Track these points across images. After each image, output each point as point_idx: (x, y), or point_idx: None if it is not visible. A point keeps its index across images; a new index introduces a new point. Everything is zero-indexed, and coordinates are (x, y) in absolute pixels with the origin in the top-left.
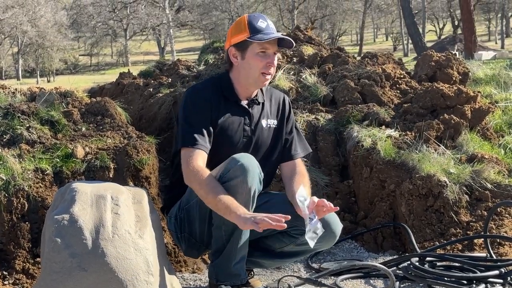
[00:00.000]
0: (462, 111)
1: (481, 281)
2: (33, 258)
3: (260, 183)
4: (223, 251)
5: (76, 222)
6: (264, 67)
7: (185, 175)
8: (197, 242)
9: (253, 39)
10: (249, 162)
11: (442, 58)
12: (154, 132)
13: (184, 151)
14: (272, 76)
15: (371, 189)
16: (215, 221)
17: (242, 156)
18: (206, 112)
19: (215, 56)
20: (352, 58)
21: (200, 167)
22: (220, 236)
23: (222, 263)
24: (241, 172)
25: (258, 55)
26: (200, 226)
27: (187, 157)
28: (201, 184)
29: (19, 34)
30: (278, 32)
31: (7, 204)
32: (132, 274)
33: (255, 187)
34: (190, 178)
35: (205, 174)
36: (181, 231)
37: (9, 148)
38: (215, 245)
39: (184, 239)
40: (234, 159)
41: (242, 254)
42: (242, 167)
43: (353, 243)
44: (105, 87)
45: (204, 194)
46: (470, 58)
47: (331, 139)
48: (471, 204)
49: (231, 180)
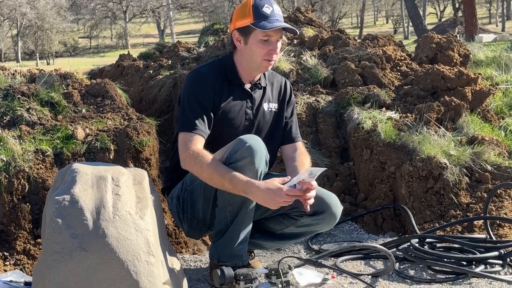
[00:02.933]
0: (462, 93)
1: (480, 262)
2: (34, 239)
3: (266, 165)
4: (226, 232)
5: (77, 203)
6: (266, 54)
7: (183, 159)
8: (199, 223)
9: (256, 27)
10: (256, 144)
11: (443, 40)
12: (154, 114)
13: (182, 135)
14: (276, 62)
15: (371, 171)
16: (220, 202)
17: (249, 137)
18: (208, 97)
19: (215, 38)
20: (353, 40)
21: (200, 150)
22: (224, 217)
23: (224, 243)
24: (249, 153)
25: (260, 42)
26: (203, 207)
27: (185, 141)
28: (203, 166)
29: (18, 16)
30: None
31: (8, 185)
32: (133, 254)
33: (261, 169)
34: (190, 162)
35: (206, 156)
36: (183, 211)
37: (9, 130)
38: (218, 226)
39: (187, 219)
40: (242, 140)
41: (244, 236)
42: (250, 148)
43: (353, 225)
44: (105, 69)
45: (208, 176)
46: (470, 40)
47: (332, 121)
48: (471, 186)
49: (238, 161)
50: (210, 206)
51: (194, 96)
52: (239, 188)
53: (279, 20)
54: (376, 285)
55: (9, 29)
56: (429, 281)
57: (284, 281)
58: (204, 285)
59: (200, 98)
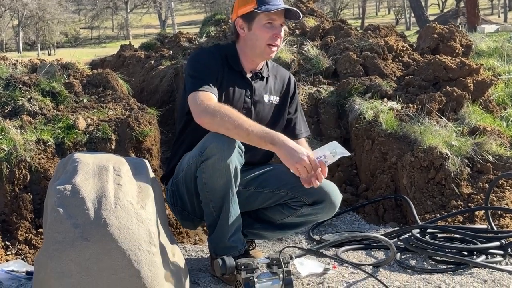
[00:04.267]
0: (464, 84)
1: (481, 253)
2: (35, 229)
3: (241, 156)
4: (216, 227)
5: (79, 193)
6: (270, 38)
7: (200, 112)
8: (190, 215)
9: (260, 10)
10: (223, 140)
11: (445, 31)
12: (155, 105)
13: (193, 94)
14: (279, 48)
15: (372, 161)
16: (202, 198)
17: (215, 135)
18: (215, 69)
19: (216, 29)
20: (355, 31)
21: (214, 102)
22: (210, 212)
23: (217, 237)
24: (217, 151)
25: (265, 27)
26: (189, 200)
27: (196, 98)
28: (223, 117)
29: (19, 7)
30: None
31: (9, 175)
32: (134, 244)
33: (234, 163)
34: (209, 113)
35: (223, 107)
36: (175, 204)
37: (10, 119)
38: (207, 221)
39: (178, 212)
40: (208, 139)
41: (236, 226)
42: (217, 146)
43: (355, 215)
44: (106, 59)
45: (232, 126)
46: (472, 31)
47: (333, 111)
48: (472, 177)
49: (209, 158)
50: (194, 199)
51: (201, 66)
52: (268, 138)
53: (281, 4)
54: (377, 275)
55: (10, 20)
56: (430, 271)
57: (285, 271)
58: (206, 274)
59: (207, 68)
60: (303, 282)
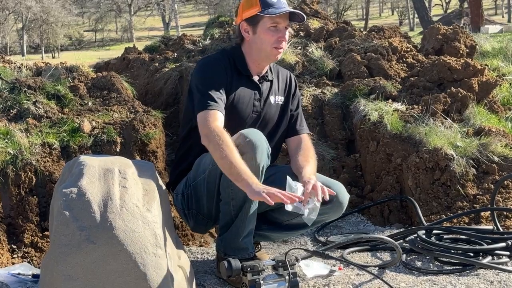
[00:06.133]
0: (469, 84)
1: (487, 254)
2: (41, 232)
3: (268, 158)
4: (231, 226)
5: (84, 195)
6: (275, 41)
7: (203, 136)
8: (205, 218)
9: (264, 13)
10: (257, 138)
11: (449, 31)
12: (160, 107)
13: (201, 113)
14: (284, 50)
15: (377, 162)
16: (223, 197)
17: (249, 132)
18: (223, 79)
19: (220, 31)
20: (359, 32)
21: (219, 129)
22: (229, 211)
23: (230, 237)
24: (250, 148)
25: (269, 30)
26: (208, 202)
27: (204, 118)
28: (217, 146)
29: (24, 10)
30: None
31: (15, 178)
32: (140, 247)
33: (263, 163)
34: (209, 138)
35: (222, 136)
36: (188, 208)
37: (16, 123)
38: (223, 220)
39: (192, 215)
40: (242, 135)
41: (250, 228)
42: (251, 143)
43: (360, 217)
44: (110, 62)
45: (219, 156)
46: (477, 31)
47: (338, 113)
48: (477, 177)
49: (241, 155)
50: (214, 201)
51: (208, 77)
52: (233, 177)
53: (285, 7)
54: (383, 276)
55: (14, 23)
56: (436, 273)
57: (291, 272)
58: (211, 277)
59: (214, 79)
60: (309, 284)
